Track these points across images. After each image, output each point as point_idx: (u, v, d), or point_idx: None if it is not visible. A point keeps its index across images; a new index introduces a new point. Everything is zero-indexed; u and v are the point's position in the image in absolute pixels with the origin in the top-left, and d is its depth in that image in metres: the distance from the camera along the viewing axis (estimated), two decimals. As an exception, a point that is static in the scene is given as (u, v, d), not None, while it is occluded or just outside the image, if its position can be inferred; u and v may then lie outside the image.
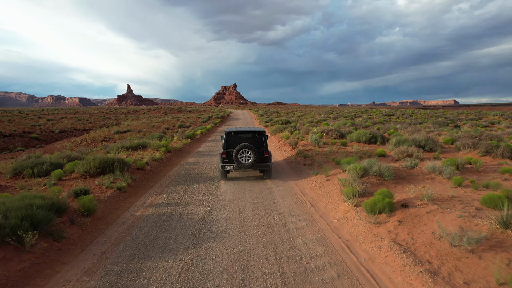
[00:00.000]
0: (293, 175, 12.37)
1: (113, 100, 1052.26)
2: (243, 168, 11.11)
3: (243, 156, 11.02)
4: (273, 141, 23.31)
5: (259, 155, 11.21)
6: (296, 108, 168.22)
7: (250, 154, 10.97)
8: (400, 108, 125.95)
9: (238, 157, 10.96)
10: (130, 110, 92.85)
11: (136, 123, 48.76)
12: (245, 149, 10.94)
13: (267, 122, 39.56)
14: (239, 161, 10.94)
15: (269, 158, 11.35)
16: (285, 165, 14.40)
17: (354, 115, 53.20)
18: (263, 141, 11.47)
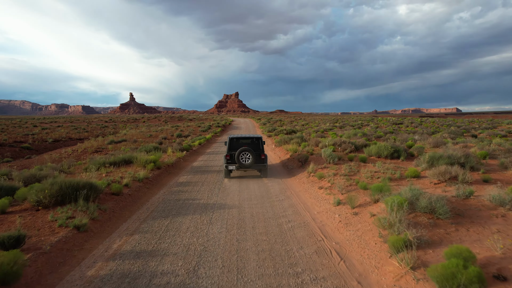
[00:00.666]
0: (308, 199, 9.91)
1: (116, 108, 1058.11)
2: (244, 168, 13.07)
3: (244, 158, 12.92)
4: (278, 153, 20.83)
5: (257, 156, 13.16)
6: (298, 116, 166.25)
7: (249, 156, 12.90)
8: (406, 116, 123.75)
9: (240, 158, 12.90)
10: (130, 118, 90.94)
11: (134, 132, 46.50)
12: (245, 151, 12.82)
13: (270, 132, 37.17)
14: (240, 161, 12.90)
15: (265, 159, 13.31)
16: (297, 186, 11.94)
17: (361, 124, 50.71)
18: (260, 146, 13.60)
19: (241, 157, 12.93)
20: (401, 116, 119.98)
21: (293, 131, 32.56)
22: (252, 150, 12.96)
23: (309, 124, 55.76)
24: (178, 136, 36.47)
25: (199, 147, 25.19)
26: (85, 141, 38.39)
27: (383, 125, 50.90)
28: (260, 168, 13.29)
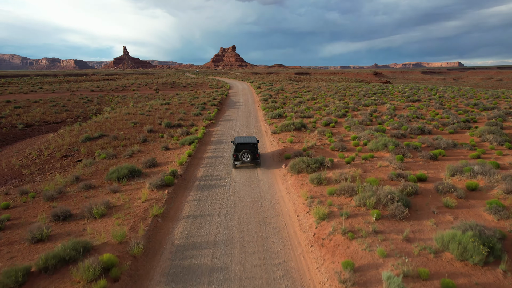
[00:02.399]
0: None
1: (110, 62, 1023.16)
2: (245, 163, 19.05)
3: (245, 156, 18.73)
4: (294, 198, 16.10)
5: (253, 156, 18.92)
6: (300, 77, 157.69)
7: (248, 155, 18.75)
8: (422, 82, 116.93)
9: (242, 157, 18.73)
10: (119, 86, 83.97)
11: (118, 114, 41.03)
12: (245, 152, 18.73)
13: (273, 119, 32.08)
14: (242, 159, 18.75)
15: (259, 157, 19.11)
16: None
17: (374, 102, 45.08)
18: (256, 148, 19.02)
19: (243, 156, 18.67)
20: (421, 83, 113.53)
21: (303, 125, 27.22)
22: (250, 151, 18.72)
23: (317, 99, 50.04)
24: (167, 125, 31.29)
25: (188, 160, 20.27)
26: (60, 131, 33.24)
27: (400, 102, 45.43)
28: (255, 163, 19.18)
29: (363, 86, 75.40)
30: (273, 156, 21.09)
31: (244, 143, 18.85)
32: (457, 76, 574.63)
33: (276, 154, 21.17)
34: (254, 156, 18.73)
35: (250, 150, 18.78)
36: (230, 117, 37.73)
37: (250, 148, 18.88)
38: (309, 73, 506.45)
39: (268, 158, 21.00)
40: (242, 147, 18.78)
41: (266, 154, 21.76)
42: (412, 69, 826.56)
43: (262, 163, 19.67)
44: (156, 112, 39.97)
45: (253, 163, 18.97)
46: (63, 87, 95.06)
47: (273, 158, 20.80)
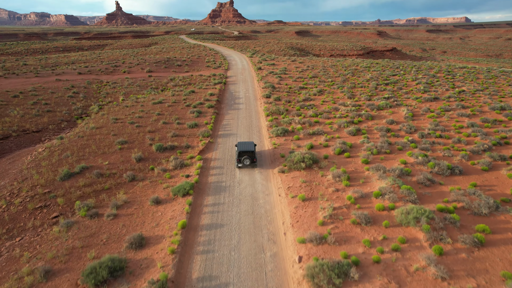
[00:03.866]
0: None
1: (103, 18, 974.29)
2: (245, 166, 24.12)
3: (245, 161, 23.88)
4: None
5: (252, 160, 23.96)
6: (302, 43, 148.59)
7: (248, 160, 23.87)
8: (428, 43, 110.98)
9: (243, 160, 23.85)
10: (110, 65, 77.74)
11: (106, 120, 37.01)
12: (245, 158, 23.83)
13: (282, 152, 28.43)
14: (243, 162, 23.90)
15: (256, 161, 24.23)
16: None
17: (389, 104, 40.71)
18: (254, 154, 24.02)
19: (244, 160, 23.99)
20: (414, 40, 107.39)
21: (314, 160, 23.43)
22: (249, 157, 24.01)
23: (324, 95, 45.54)
24: (159, 149, 27.61)
25: (180, 240, 17.05)
26: (38, 150, 29.54)
27: (416, 102, 41.19)
28: (253, 165, 24.40)
29: (372, 68, 69.76)
30: (286, 239, 16.37)
31: (245, 150, 24.06)
32: (464, 35, 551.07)
33: (288, 226, 17.08)
34: (252, 160, 24.23)
35: (249, 156, 24.16)
36: (229, 128, 33.78)
37: (249, 154, 24.19)
38: (310, 31, 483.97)
39: (280, 239, 16.44)
40: (243, 154, 24.13)
41: (275, 226, 17.58)
42: (416, 26, 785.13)
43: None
44: (148, 119, 35.91)
45: (252, 165, 24.41)
46: (49, 63, 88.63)
47: (286, 242, 16.15)
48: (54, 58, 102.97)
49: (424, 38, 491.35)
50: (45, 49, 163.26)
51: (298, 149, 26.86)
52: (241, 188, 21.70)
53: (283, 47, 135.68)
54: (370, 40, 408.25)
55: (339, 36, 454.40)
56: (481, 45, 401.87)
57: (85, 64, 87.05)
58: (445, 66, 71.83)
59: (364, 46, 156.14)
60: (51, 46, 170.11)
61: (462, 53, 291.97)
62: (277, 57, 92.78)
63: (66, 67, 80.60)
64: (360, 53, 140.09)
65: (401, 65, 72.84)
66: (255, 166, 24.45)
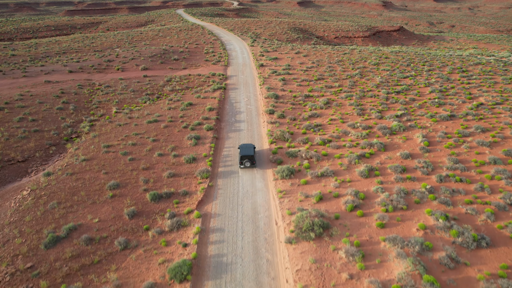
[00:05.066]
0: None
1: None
2: (246, 167, 29.08)
3: (246, 163, 28.81)
4: None
5: (252, 162, 28.88)
6: (307, 28, 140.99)
7: (248, 162, 28.80)
8: (435, 16, 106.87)
9: (244, 163, 28.78)
10: (102, 59, 73.10)
11: (96, 148, 34.37)
12: (246, 160, 28.71)
13: (288, 206, 26.04)
14: (244, 164, 28.86)
15: (255, 163, 29.29)
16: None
17: (402, 126, 37.68)
18: (254, 157, 28.87)
19: (245, 163, 29.06)
20: (421, 11, 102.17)
21: (324, 226, 21.08)
22: (249, 160, 29.00)
23: (332, 109, 42.37)
24: (153, 199, 25.29)
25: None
26: (23, 194, 27.19)
27: (432, 122, 38.17)
28: (253, 167, 29.55)
29: (381, 64, 65.50)
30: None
31: (246, 155, 28.90)
32: (473, 4, 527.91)
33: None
34: (252, 163, 29.17)
35: (249, 159, 29.09)
36: (230, 162, 31.14)
37: (249, 158, 29.05)
38: (312, 1, 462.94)
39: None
40: (245, 158, 29.02)
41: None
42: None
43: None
44: (142, 148, 33.24)
45: (252, 167, 29.48)
46: (39, 53, 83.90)
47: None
48: (45, 45, 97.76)
49: (431, 9, 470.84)
50: (36, 29, 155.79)
51: (306, 202, 24.53)
52: (244, 264, 19.62)
53: (285, 28, 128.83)
54: (375, 12, 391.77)
55: (343, 7, 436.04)
56: (491, 17, 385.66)
57: (76, 55, 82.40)
58: (459, 61, 67.51)
59: (370, 26, 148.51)
60: (42, 25, 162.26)
61: (471, 27, 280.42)
62: (280, 45, 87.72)
63: (57, 59, 76.22)
64: (366, 34, 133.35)
65: (411, 60, 68.46)
66: (254, 167, 29.59)
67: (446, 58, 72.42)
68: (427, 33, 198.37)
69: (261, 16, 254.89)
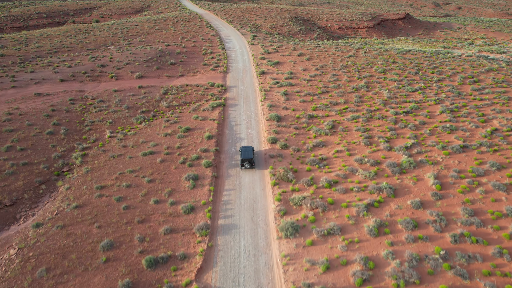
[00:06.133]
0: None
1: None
2: (246, 168, 34.12)
3: (246, 164, 33.97)
4: None
5: (251, 164, 33.97)
6: (309, 17, 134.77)
7: (248, 164, 33.96)
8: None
9: (245, 165, 33.94)
10: (95, 64, 69.63)
11: (89, 189, 32.51)
12: (247, 162, 33.91)
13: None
14: (244, 165, 33.99)
15: (255, 164, 34.55)
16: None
17: (412, 163, 35.61)
18: (253, 160, 33.98)
19: (245, 164, 33.90)
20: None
21: None
22: (249, 162, 33.91)
23: (338, 136, 40.04)
24: (149, 265, 23.67)
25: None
26: (9, 253, 25.57)
27: (444, 156, 36.07)
28: (252, 168, 34.34)
29: (388, 72, 62.38)
30: None
31: (246, 158, 33.71)
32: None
33: None
34: (251, 165, 34.02)
35: (249, 161, 33.92)
36: (231, 212, 29.36)
37: (249, 160, 33.83)
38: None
39: None
40: (245, 160, 33.83)
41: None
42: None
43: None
44: (137, 192, 31.34)
45: (251, 168, 34.25)
46: (29, 52, 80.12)
47: None
48: (36, 40, 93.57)
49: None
50: (27, 16, 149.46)
51: (312, 271, 22.95)
52: None
53: (286, 19, 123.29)
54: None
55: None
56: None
57: (69, 55, 78.71)
58: (469, 66, 64.33)
59: (374, 14, 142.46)
60: (33, 12, 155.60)
61: (479, 10, 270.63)
62: (281, 44, 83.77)
63: (48, 61, 72.69)
64: (370, 24, 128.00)
65: (419, 66, 65.22)
66: (253, 168, 34.55)
67: (456, 61, 69.11)
68: (433, 19, 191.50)
69: (261, 1, 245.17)
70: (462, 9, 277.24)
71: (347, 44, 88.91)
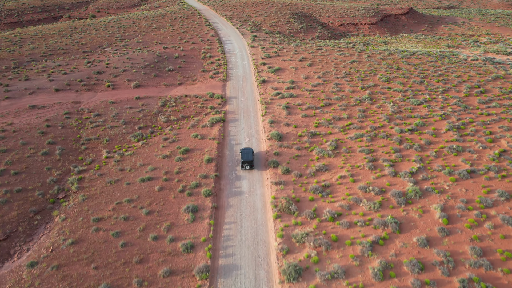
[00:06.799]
0: None
1: None
2: (246, 169, 37.67)
3: (246, 166, 37.42)
4: None
5: (251, 166, 37.40)
6: (310, 13, 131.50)
7: (248, 165, 37.37)
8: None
9: (244, 165, 37.36)
10: (92, 71, 67.81)
11: (86, 221, 31.56)
12: (247, 164, 37.24)
13: None
14: (245, 167, 37.45)
15: (254, 166, 37.95)
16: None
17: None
18: (253, 161, 37.28)
19: (246, 166, 37.36)
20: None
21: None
22: (249, 164, 37.19)
23: (340, 153, 38.90)
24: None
25: None
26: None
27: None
28: (252, 169, 37.66)
29: (392, 81, 60.73)
30: None
31: (246, 160, 37.06)
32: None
33: None
34: (251, 166, 37.49)
35: (249, 163, 37.30)
36: (232, 249, 28.46)
37: (249, 162, 37.18)
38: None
39: None
40: (245, 162, 37.18)
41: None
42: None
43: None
44: (135, 226, 30.39)
45: (251, 169, 37.70)
46: (23, 55, 78.10)
47: None
48: (30, 41, 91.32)
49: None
50: (21, 11, 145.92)
51: (316, 324, 22.19)
52: None
53: (287, 15, 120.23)
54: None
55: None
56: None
57: (64, 58, 76.70)
58: (476, 74, 62.68)
59: (377, 9, 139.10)
60: (27, 6, 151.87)
61: (484, 0, 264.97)
62: (282, 47, 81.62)
63: (43, 66, 70.84)
64: (373, 21, 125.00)
65: (424, 73, 63.51)
66: (253, 169, 37.85)
67: (461, 67, 67.38)
68: (437, 11, 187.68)
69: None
70: (466, 0, 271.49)
71: (350, 45, 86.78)
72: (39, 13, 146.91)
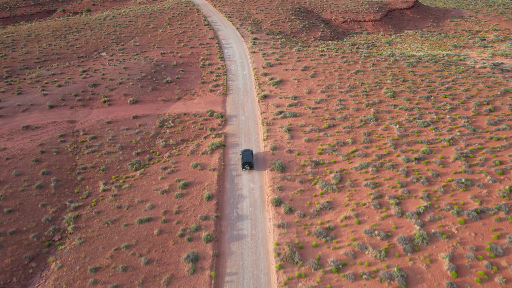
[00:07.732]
0: None
1: None
2: (246, 169, 41.71)
3: (246, 167, 41.45)
4: None
5: (251, 166, 41.50)
6: (313, 8, 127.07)
7: (248, 166, 41.45)
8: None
9: (245, 166, 41.40)
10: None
11: (83, 270, 30.58)
12: (247, 165, 41.28)
13: None
14: (245, 168, 41.51)
15: (254, 167, 41.99)
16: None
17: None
18: (252, 163, 41.34)
19: (246, 167, 41.49)
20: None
21: None
22: (249, 165, 41.35)
23: (344, 188, 37.68)
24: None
25: None
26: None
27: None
28: (252, 169, 41.93)
29: (397, 97, 58.75)
30: None
31: (246, 162, 41.05)
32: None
33: None
34: (251, 167, 41.45)
35: (249, 165, 41.16)
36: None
37: (249, 164, 41.06)
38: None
39: None
40: (246, 164, 41.09)
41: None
42: None
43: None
44: (134, 277, 29.42)
45: (251, 169, 41.69)
46: (15, 62, 75.52)
47: None
48: (23, 42, 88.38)
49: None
50: (14, 4, 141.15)
51: None
52: None
53: (288, 12, 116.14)
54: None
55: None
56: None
57: (58, 65, 74.16)
58: (484, 86, 60.64)
59: (381, 4, 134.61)
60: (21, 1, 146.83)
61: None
62: (284, 52, 78.94)
63: (36, 75, 68.52)
64: (377, 17, 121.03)
65: (432, 87, 61.41)
66: (253, 169, 41.77)
67: (469, 78, 65.20)
68: (443, 2, 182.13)
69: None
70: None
71: (354, 49, 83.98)
72: (32, 6, 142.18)
